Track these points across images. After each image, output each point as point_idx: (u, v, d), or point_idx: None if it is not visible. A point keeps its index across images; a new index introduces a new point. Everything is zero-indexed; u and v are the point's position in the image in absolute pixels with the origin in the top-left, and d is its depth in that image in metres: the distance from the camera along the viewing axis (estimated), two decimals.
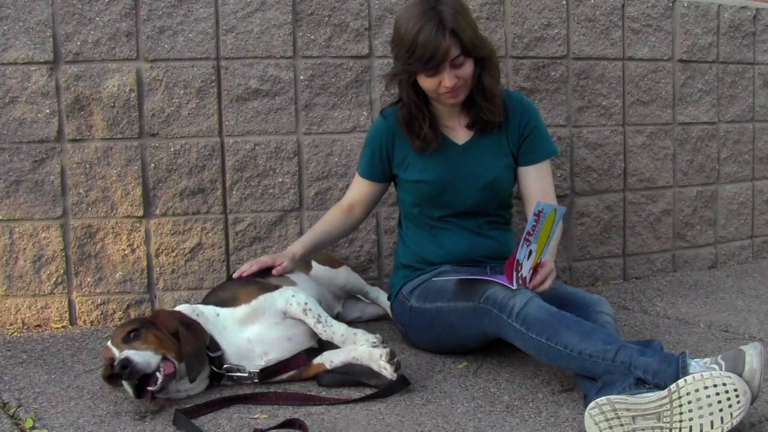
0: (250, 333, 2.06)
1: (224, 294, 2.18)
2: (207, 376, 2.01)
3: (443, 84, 2.18)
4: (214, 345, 2.02)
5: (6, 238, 2.68)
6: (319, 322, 2.06)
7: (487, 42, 2.28)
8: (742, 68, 3.60)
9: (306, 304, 2.07)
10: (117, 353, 1.87)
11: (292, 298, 2.07)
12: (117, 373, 1.83)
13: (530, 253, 1.94)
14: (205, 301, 2.21)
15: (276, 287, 2.15)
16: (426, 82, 2.21)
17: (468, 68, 2.20)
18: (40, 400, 1.99)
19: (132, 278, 2.75)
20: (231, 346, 2.04)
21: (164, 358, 1.86)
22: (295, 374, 2.09)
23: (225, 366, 2.01)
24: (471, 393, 2.00)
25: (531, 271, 2.00)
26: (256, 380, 2.04)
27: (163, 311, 2.06)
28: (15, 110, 2.64)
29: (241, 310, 2.08)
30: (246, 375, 2.03)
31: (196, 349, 1.95)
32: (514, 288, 1.95)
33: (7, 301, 2.71)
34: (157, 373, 1.84)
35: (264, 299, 2.08)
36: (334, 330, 2.05)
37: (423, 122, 2.31)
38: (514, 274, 1.92)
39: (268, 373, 2.05)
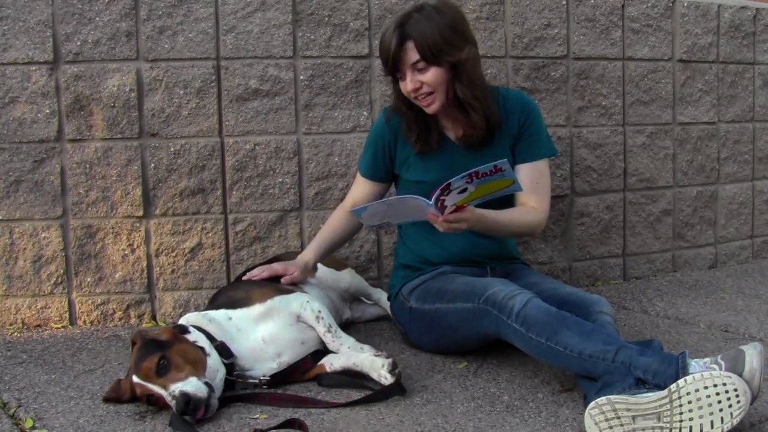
0: (264, 332, 2.05)
1: (236, 294, 2.18)
2: (223, 377, 1.95)
3: (404, 89, 2.18)
4: (226, 351, 1.98)
5: (6, 238, 2.68)
6: (329, 331, 2.08)
7: (461, 46, 2.14)
8: (742, 68, 3.60)
9: (319, 312, 2.09)
10: (160, 390, 1.80)
11: (307, 304, 2.09)
12: (181, 411, 1.75)
13: (465, 190, 1.90)
14: (215, 303, 2.19)
15: (290, 291, 2.16)
16: (400, 86, 2.21)
17: (433, 74, 2.15)
18: (40, 400, 1.99)
19: (132, 278, 2.75)
20: (244, 348, 2.02)
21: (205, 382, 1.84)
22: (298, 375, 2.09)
23: (235, 373, 1.98)
24: (471, 393, 2.00)
25: (454, 207, 1.97)
26: (266, 386, 2.01)
27: (167, 330, 1.97)
28: (15, 110, 2.64)
29: (256, 309, 2.08)
30: (256, 381, 2.00)
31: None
32: (430, 203, 1.91)
33: (7, 301, 2.71)
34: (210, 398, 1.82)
35: (279, 300, 2.09)
36: (342, 342, 2.08)
37: (413, 124, 2.29)
38: (438, 192, 1.88)
39: (278, 379, 2.03)
